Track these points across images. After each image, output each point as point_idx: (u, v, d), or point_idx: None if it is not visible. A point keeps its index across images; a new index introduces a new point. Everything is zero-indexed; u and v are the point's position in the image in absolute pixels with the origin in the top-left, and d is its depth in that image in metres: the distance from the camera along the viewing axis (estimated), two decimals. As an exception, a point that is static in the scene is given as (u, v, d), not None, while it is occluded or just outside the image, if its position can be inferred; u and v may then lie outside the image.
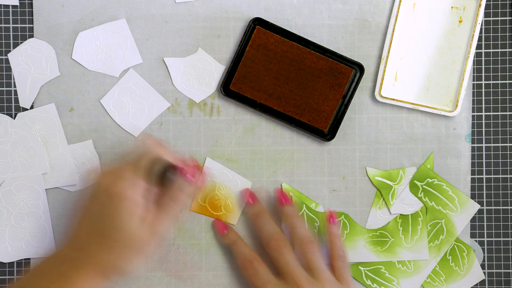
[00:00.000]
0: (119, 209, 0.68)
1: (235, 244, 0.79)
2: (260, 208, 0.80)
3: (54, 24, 0.81)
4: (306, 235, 0.77)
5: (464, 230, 0.81)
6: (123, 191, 0.68)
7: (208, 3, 0.81)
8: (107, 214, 0.68)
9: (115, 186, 0.68)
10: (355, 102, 0.81)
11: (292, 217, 0.78)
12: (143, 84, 0.81)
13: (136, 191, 0.69)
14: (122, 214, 0.67)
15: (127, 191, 0.68)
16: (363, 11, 0.81)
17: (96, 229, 0.68)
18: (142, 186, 0.69)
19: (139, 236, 0.69)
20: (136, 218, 0.68)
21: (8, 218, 0.80)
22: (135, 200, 0.68)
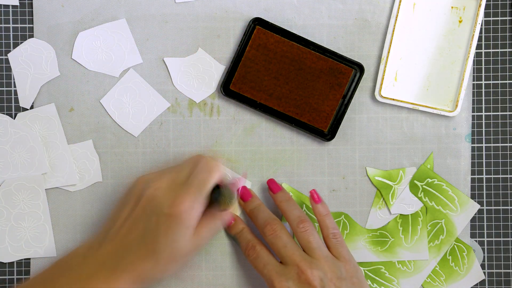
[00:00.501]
0: (178, 228, 0.69)
1: (241, 232, 0.79)
2: (256, 202, 0.80)
3: (54, 24, 0.81)
4: (298, 215, 0.76)
5: (464, 230, 0.81)
6: (185, 213, 0.69)
7: (208, 3, 0.81)
8: (164, 229, 0.69)
9: (178, 207, 0.68)
10: (355, 102, 0.81)
11: (284, 201, 0.78)
12: (143, 84, 0.81)
13: (197, 213, 0.70)
14: (179, 233, 0.69)
15: (189, 214, 0.69)
16: (363, 11, 0.81)
17: (148, 239, 0.69)
18: (202, 208, 0.71)
19: (187, 251, 0.70)
20: (188, 238, 0.69)
21: (8, 218, 0.80)
22: (194, 222, 0.70)
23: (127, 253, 0.69)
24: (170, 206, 0.68)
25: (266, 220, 0.77)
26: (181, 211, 0.68)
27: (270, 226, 0.76)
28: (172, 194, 0.70)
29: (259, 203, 0.79)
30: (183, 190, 0.69)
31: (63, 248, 0.81)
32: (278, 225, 0.76)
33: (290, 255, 0.73)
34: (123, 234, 0.70)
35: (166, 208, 0.69)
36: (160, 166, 0.80)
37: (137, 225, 0.70)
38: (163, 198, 0.70)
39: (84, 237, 0.81)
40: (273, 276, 0.72)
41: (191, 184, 0.70)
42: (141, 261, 0.69)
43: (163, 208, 0.69)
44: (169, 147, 0.81)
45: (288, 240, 0.75)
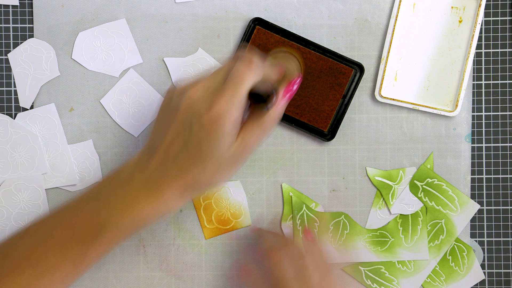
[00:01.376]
0: (220, 130, 0.66)
1: (267, 233, 0.79)
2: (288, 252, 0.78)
3: (54, 24, 0.81)
4: None
5: (464, 230, 0.81)
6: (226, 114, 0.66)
7: (208, 3, 0.81)
8: (207, 133, 0.66)
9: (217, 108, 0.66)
10: (355, 102, 0.81)
11: None
12: (143, 84, 0.81)
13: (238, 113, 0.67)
14: (222, 135, 0.66)
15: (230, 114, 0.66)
16: (363, 11, 0.81)
17: (192, 145, 0.67)
18: (243, 107, 0.68)
19: (234, 152, 0.68)
20: (234, 137, 0.68)
21: (8, 218, 0.80)
22: (236, 122, 0.67)
23: (172, 165, 0.67)
24: (208, 110, 0.66)
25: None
26: (219, 113, 0.66)
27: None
28: (209, 99, 0.67)
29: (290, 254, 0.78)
30: (219, 93, 0.66)
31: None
32: None
33: None
34: (166, 146, 0.68)
35: (204, 112, 0.66)
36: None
37: (179, 135, 0.68)
38: (200, 103, 0.67)
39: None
40: None
41: (227, 85, 0.67)
42: (187, 169, 0.67)
43: (201, 113, 0.66)
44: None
45: None
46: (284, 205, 0.82)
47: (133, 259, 0.81)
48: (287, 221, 0.81)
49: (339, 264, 0.81)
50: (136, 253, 0.81)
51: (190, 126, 0.67)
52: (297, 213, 0.81)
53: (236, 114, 0.67)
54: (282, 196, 0.81)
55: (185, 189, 0.67)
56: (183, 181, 0.67)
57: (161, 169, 0.68)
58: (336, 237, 0.81)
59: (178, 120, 0.68)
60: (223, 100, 0.66)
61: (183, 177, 0.67)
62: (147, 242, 0.81)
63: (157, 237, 0.81)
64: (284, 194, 0.81)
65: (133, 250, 0.81)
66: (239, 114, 0.67)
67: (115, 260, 0.81)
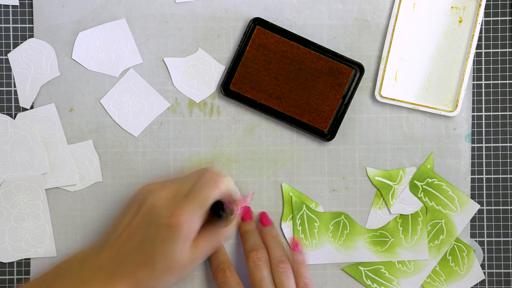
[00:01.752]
0: (175, 240, 0.68)
1: (251, 232, 0.80)
2: (252, 225, 0.80)
3: (54, 24, 0.81)
4: (280, 255, 0.77)
5: (464, 230, 0.81)
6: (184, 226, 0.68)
7: (208, 3, 0.81)
8: (161, 241, 0.69)
9: (177, 218, 0.68)
10: (355, 102, 0.81)
11: (271, 237, 0.79)
12: (143, 84, 0.81)
13: (195, 227, 0.70)
14: (176, 245, 0.68)
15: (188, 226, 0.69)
16: (363, 11, 0.81)
17: (145, 249, 0.69)
18: (201, 222, 0.71)
19: (184, 263, 0.70)
20: (188, 248, 0.70)
21: (8, 218, 0.80)
22: (192, 235, 0.70)
23: (125, 260, 0.69)
24: (169, 217, 0.69)
25: (255, 245, 0.78)
26: (179, 223, 0.68)
27: (256, 253, 0.77)
28: (173, 205, 0.70)
29: (254, 228, 0.80)
30: (184, 202, 0.70)
31: (63, 248, 0.81)
32: (264, 255, 0.77)
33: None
34: (122, 241, 0.71)
35: (165, 218, 0.69)
36: (165, 176, 0.80)
37: (136, 233, 0.70)
38: (163, 208, 0.70)
39: (84, 237, 0.81)
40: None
41: (193, 197, 0.70)
42: (138, 269, 0.69)
43: (162, 218, 0.69)
44: (169, 147, 0.81)
45: (267, 275, 0.76)
46: (284, 205, 0.82)
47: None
48: (287, 221, 0.81)
49: (339, 264, 0.81)
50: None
51: (148, 228, 0.70)
52: (297, 213, 0.81)
53: (196, 226, 0.70)
54: (282, 196, 0.81)
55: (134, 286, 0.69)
56: (133, 279, 0.69)
57: (114, 262, 0.70)
58: (336, 237, 0.81)
59: (140, 218, 0.71)
60: (187, 212, 0.69)
61: (133, 275, 0.69)
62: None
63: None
64: (284, 194, 0.81)
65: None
66: (198, 226, 0.70)
67: (115, 260, 0.81)
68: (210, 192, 0.70)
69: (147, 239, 0.69)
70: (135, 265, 0.69)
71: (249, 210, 0.80)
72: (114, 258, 0.70)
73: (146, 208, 0.71)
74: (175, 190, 0.72)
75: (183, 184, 0.72)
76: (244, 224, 0.80)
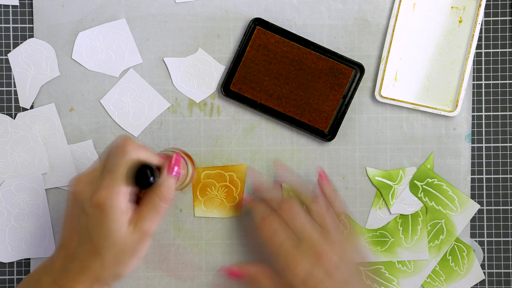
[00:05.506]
0: (106, 218, 0.65)
1: (255, 206, 0.78)
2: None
3: (54, 24, 0.81)
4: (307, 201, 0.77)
5: (464, 230, 0.81)
6: (106, 201, 0.65)
7: (208, 3, 0.81)
8: (94, 224, 0.66)
9: (97, 196, 0.65)
10: (355, 102, 0.81)
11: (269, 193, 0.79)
12: (143, 84, 0.81)
13: (119, 198, 0.66)
14: (109, 223, 0.66)
15: (110, 200, 0.65)
16: (363, 11, 0.81)
17: (85, 239, 0.67)
18: (124, 192, 0.66)
19: (130, 240, 0.67)
20: (124, 224, 0.66)
21: (8, 218, 0.80)
22: (120, 207, 0.66)
23: (73, 263, 0.67)
24: (91, 198, 0.66)
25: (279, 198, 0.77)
26: (99, 203, 0.65)
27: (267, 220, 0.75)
28: (92, 187, 0.67)
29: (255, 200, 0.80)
30: (98, 182, 0.66)
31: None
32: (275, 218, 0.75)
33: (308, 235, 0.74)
34: (65, 246, 0.69)
35: (88, 201, 0.66)
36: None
37: (72, 232, 0.68)
38: (85, 191, 0.67)
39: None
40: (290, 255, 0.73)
41: (104, 174, 0.67)
42: (87, 265, 0.67)
43: (86, 202, 0.66)
44: (169, 147, 0.81)
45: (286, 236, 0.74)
46: (284, 205, 0.82)
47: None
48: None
49: None
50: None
51: (79, 219, 0.67)
52: None
53: (118, 199, 0.66)
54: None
55: (93, 283, 0.67)
56: (87, 277, 0.67)
57: (64, 269, 0.67)
58: None
59: (69, 211, 0.69)
60: (102, 188, 0.65)
61: (85, 273, 0.67)
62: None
63: (157, 237, 0.81)
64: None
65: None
66: (122, 200, 0.66)
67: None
68: (119, 159, 0.66)
69: (83, 228, 0.67)
70: (83, 261, 0.67)
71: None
72: (64, 264, 0.68)
73: (70, 203, 0.69)
74: (88, 175, 0.68)
75: (95, 166, 0.69)
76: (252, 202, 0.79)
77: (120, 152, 0.66)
